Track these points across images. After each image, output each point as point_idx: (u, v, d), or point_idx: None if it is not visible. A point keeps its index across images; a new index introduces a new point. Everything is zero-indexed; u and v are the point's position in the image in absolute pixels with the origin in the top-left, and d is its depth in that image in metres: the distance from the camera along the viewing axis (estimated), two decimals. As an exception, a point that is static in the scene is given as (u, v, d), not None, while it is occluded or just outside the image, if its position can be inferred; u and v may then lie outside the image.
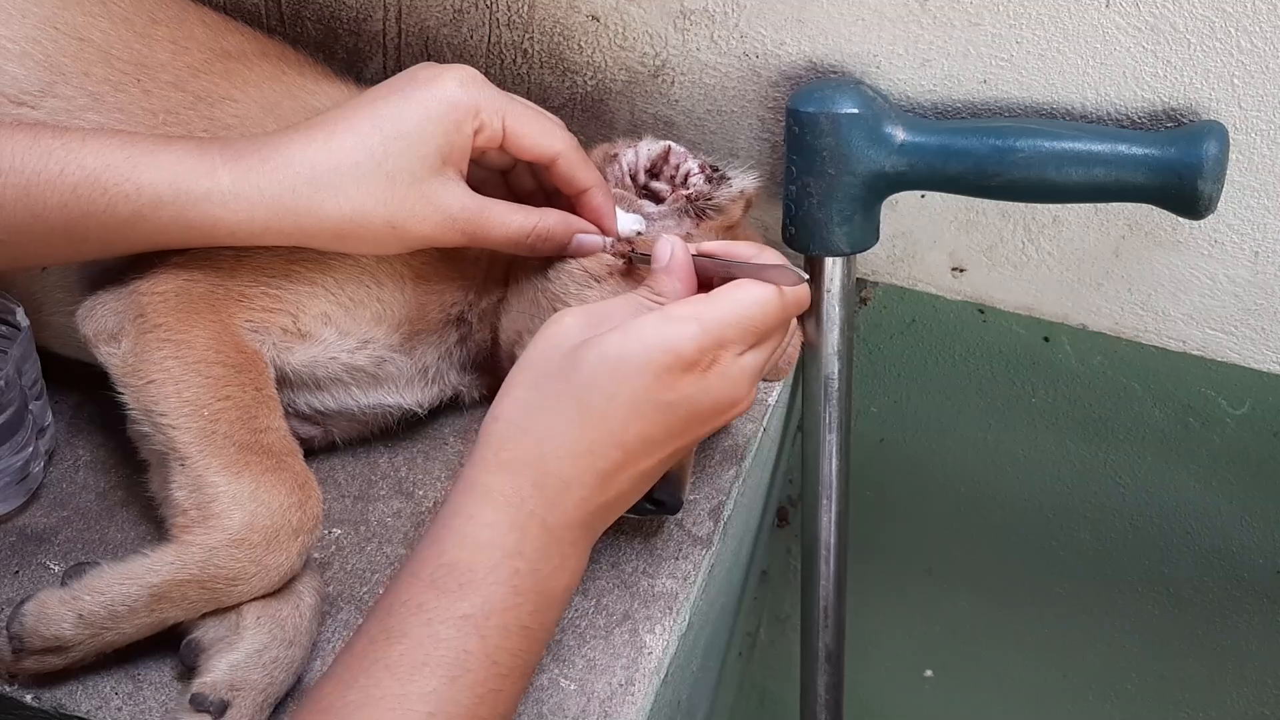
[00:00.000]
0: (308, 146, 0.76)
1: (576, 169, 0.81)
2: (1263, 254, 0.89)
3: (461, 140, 0.77)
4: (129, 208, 0.73)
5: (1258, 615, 1.11)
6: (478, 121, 0.78)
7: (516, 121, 0.79)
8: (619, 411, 0.69)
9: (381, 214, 0.76)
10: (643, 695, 0.78)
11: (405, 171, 0.76)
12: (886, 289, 1.04)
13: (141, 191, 0.73)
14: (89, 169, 0.73)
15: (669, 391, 0.69)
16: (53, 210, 0.73)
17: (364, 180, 0.75)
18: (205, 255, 0.80)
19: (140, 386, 0.77)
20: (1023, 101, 0.87)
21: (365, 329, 0.83)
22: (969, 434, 1.11)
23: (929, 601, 1.24)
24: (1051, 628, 1.20)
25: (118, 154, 0.73)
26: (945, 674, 1.28)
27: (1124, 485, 1.09)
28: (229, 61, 0.88)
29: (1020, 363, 1.05)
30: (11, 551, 0.82)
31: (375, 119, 0.76)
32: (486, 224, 0.79)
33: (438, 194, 0.77)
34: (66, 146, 0.73)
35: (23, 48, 0.84)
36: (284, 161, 0.75)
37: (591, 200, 0.83)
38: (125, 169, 0.73)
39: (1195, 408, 1.02)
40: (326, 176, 0.75)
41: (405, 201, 0.76)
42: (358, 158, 0.75)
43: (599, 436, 0.69)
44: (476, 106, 0.77)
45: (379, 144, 0.76)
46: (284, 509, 0.75)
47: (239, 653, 0.73)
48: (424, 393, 0.88)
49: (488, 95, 0.78)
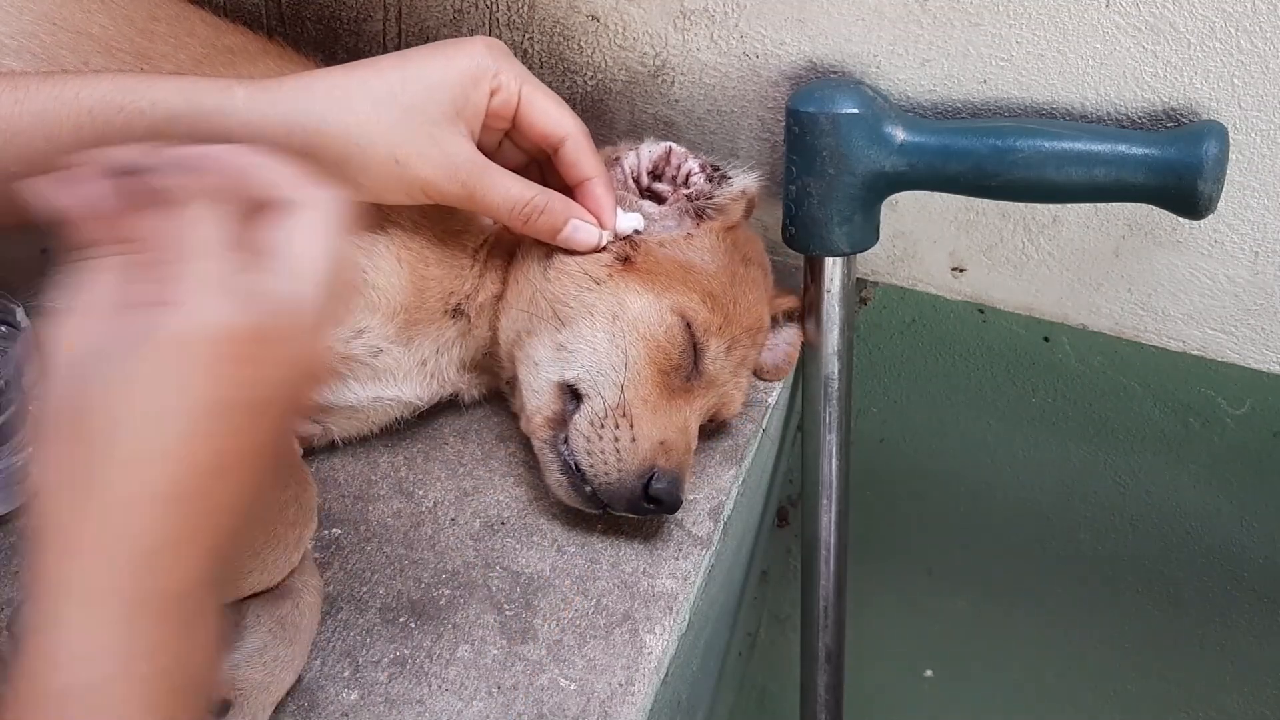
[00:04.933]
0: (329, 75, 0.77)
1: (583, 155, 0.82)
2: (1263, 254, 0.89)
3: (477, 97, 0.78)
4: (144, 123, 0.74)
5: (1258, 615, 1.11)
6: (495, 82, 0.79)
7: (532, 93, 0.80)
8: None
9: (387, 143, 0.77)
10: (643, 695, 0.78)
11: (419, 109, 0.77)
12: (886, 289, 1.04)
13: (156, 106, 0.74)
14: (105, 92, 0.73)
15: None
16: (67, 133, 0.73)
17: (377, 106, 0.76)
18: None
19: None
20: (1023, 101, 0.87)
21: (359, 317, 0.83)
22: (969, 434, 1.11)
23: (929, 601, 1.24)
24: (1051, 628, 1.20)
25: (133, 79, 0.74)
26: (945, 674, 1.29)
27: (1124, 485, 1.09)
28: (231, 55, 0.89)
29: (1020, 363, 1.05)
30: (11, 551, 0.82)
31: (401, 63, 0.78)
32: (487, 183, 0.80)
33: (446, 139, 0.78)
34: (82, 77, 0.74)
35: (20, 42, 0.84)
36: (303, 84, 0.76)
37: (593, 190, 0.83)
38: (140, 89, 0.74)
39: (1195, 408, 1.02)
40: (341, 93, 0.76)
41: (413, 137, 0.77)
42: (375, 86, 0.77)
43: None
44: (497, 69, 0.79)
45: (398, 80, 0.77)
46: (280, 503, 0.75)
47: (240, 652, 0.73)
48: (423, 387, 0.88)
49: (509, 63, 0.80)
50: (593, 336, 0.83)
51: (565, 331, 0.84)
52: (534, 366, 0.85)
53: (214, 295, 0.54)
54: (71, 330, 0.54)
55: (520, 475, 0.90)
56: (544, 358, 0.85)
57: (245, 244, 0.56)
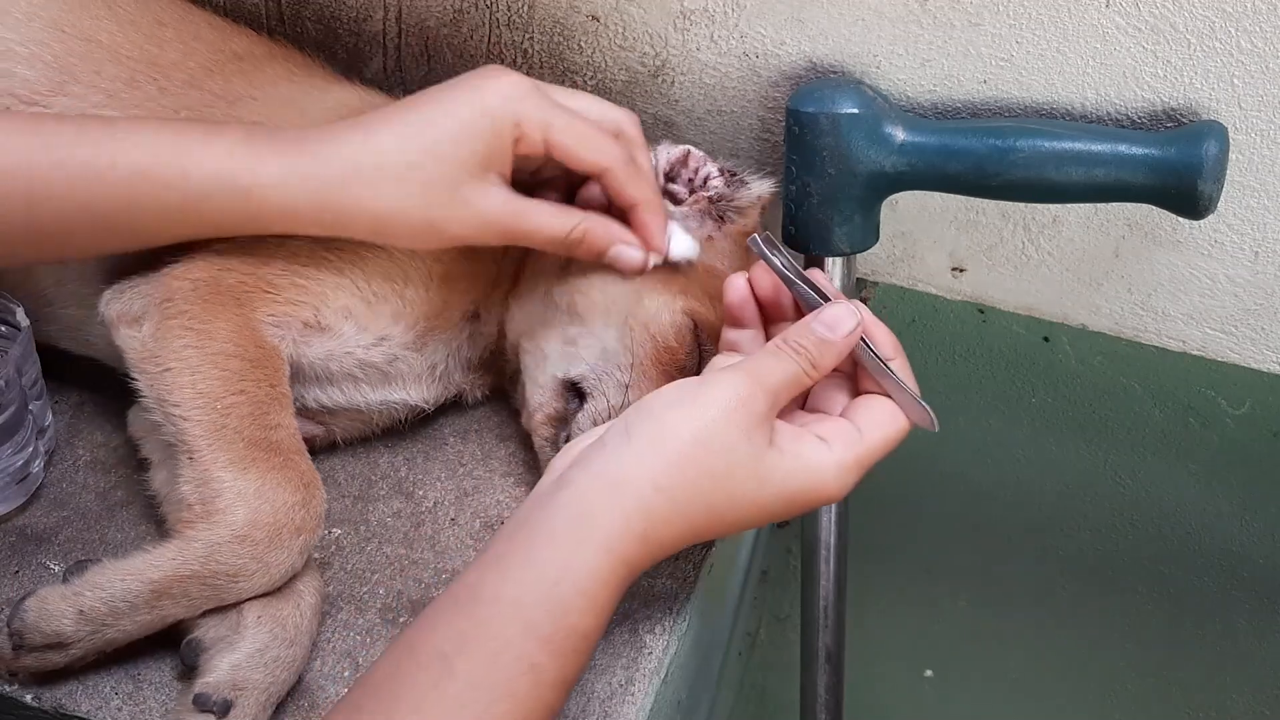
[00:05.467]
0: (350, 143, 0.77)
1: (625, 185, 0.81)
2: (1263, 254, 0.89)
3: (501, 146, 0.78)
4: (177, 198, 0.75)
5: (1258, 615, 1.11)
6: (518, 132, 0.78)
7: (561, 136, 0.79)
8: (749, 516, 0.68)
9: (419, 213, 0.78)
10: (643, 695, 0.78)
11: (442, 178, 0.77)
12: (886, 289, 1.04)
13: (189, 182, 0.75)
14: (138, 163, 0.74)
15: (796, 509, 0.69)
16: (102, 201, 0.74)
17: (402, 182, 0.77)
18: (240, 244, 0.80)
19: (156, 374, 0.77)
20: (1023, 101, 0.87)
21: (383, 326, 0.84)
22: (969, 434, 1.11)
23: (929, 601, 1.24)
24: (1051, 628, 1.20)
25: (167, 146, 0.75)
26: (945, 674, 1.28)
27: (1124, 485, 1.09)
28: (240, 62, 0.89)
29: (1020, 363, 1.05)
30: (11, 551, 0.82)
31: (418, 124, 0.77)
32: (524, 225, 0.80)
33: (475, 199, 0.78)
34: (115, 138, 0.75)
35: (31, 50, 0.84)
36: (330, 156, 0.76)
37: (639, 216, 0.82)
38: (174, 161, 0.75)
39: (1195, 408, 1.02)
40: (368, 173, 0.76)
41: (444, 206, 0.78)
42: (397, 158, 0.77)
43: (717, 530, 0.68)
44: (516, 119, 0.78)
45: (417, 151, 0.77)
46: (288, 507, 0.75)
47: (240, 652, 0.73)
48: (430, 390, 0.88)
49: (530, 107, 0.78)
50: (604, 333, 0.83)
51: (577, 326, 0.84)
52: (542, 359, 0.85)
53: (852, 477, 0.70)
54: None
55: (520, 475, 0.90)
56: (553, 350, 0.85)
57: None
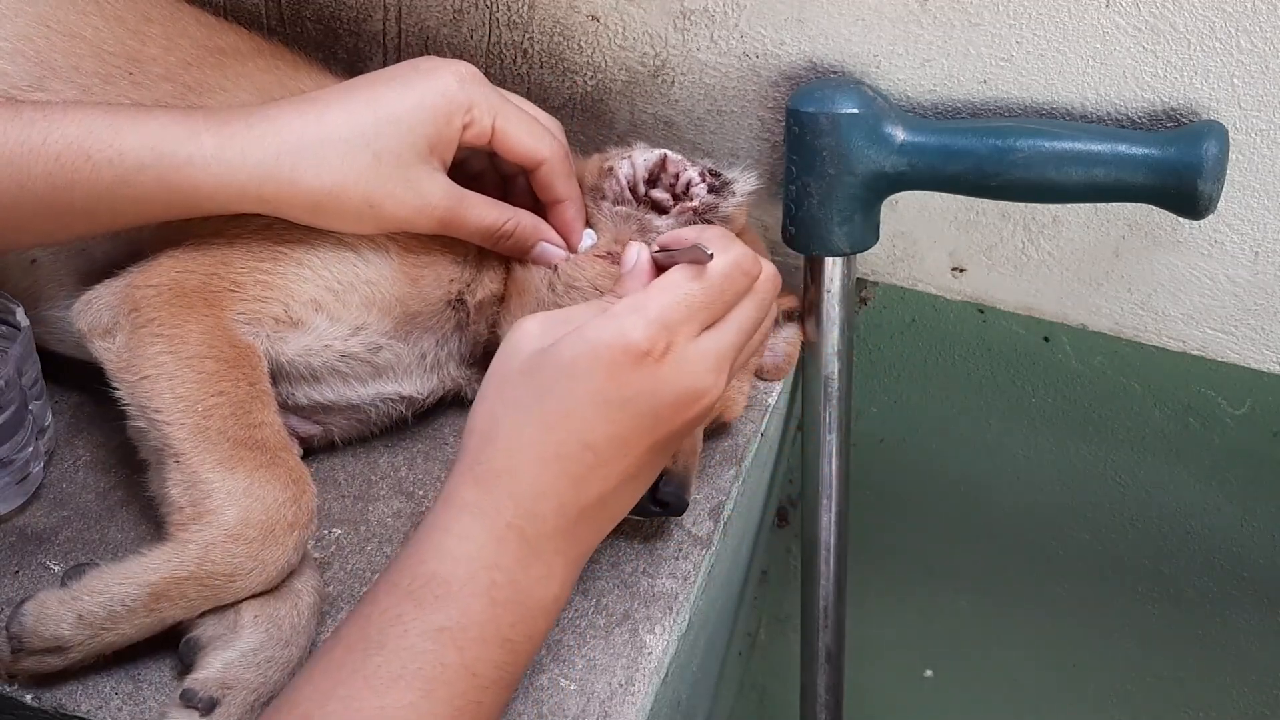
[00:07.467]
0: (298, 118, 0.77)
1: (557, 180, 0.83)
2: (1263, 254, 0.89)
3: (450, 133, 0.79)
4: (112, 173, 0.74)
5: (1258, 615, 1.11)
6: (468, 117, 0.79)
7: (506, 122, 0.81)
8: (580, 412, 0.68)
9: (360, 190, 0.78)
10: (643, 695, 0.78)
11: (392, 154, 0.78)
12: (886, 289, 1.04)
13: (124, 156, 0.74)
14: (72, 137, 0.74)
15: (625, 387, 0.68)
16: (37, 179, 0.74)
17: (349, 155, 0.77)
18: (197, 244, 0.81)
19: (134, 382, 0.77)
20: (1023, 101, 0.87)
21: (356, 315, 0.83)
22: (969, 434, 1.11)
23: (929, 601, 1.24)
24: (1051, 628, 1.20)
25: (100, 121, 0.75)
26: (945, 674, 1.28)
27: (1124, 485, 1.09)
28: (222, 56, 0.89)
29: (1020, 363, 1.05)
30: (11, 551, 0.82)
31: (371, 101, 0.78)
32: (461, 214, 0.81)
33: (419, 181, 0.79)
34: (49, 118, 0.74)
35: (14, 45, 0.84)
36: (271, 129, 0.76)
37: (564, 213, 0.85)
38: (108, 135, 0.74)
39: (1195, 408, 1.02)
40: (312, 147, 0.77)
41: (386, 182, 0.78)
42: (347, 133, 0.77)
43: (565, 439, 0.68)
44: (470, 102, 0.79)
45: (370, 124, 0.77)
46: (279, 504, 0.75)
47: (234, 651, 0.73)
48: (424, 381, 0.88)
49: (482, 93, 0.80)
50: None
51: None
52: None
53: (638, 318, 0.68)
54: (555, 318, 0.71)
55: (520, 475, 0.89)
56: None
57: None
